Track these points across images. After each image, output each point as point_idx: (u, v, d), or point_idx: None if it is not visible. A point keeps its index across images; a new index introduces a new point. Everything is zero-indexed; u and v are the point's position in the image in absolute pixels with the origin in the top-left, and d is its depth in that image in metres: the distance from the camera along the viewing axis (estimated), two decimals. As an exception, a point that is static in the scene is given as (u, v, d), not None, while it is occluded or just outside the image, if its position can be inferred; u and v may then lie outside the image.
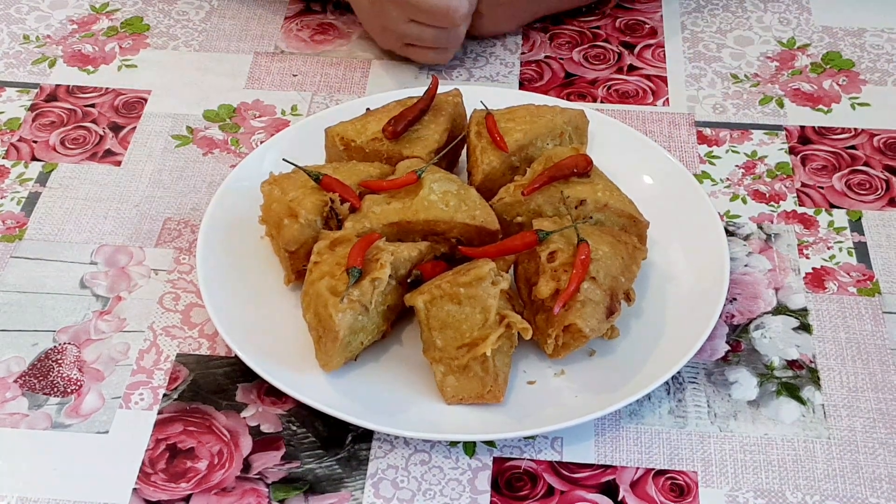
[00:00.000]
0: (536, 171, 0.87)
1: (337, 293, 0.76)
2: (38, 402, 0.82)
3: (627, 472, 0.78)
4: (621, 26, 1.16)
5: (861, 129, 1.04)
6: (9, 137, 1.03)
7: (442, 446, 0.79)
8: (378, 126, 0.91)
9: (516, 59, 1.12)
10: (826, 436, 0.80)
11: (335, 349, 0.77)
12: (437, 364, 0.78)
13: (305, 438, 0.79)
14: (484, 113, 0.92)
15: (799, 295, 0.89)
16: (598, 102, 1.06)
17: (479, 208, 0.84)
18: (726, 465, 0.78)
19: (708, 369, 0.84)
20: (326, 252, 0.80)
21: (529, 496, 0.76)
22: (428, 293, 0.77)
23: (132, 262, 0.92)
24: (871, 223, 0.95)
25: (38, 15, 1.17)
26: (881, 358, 0.85)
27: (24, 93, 1.08)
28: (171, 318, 0.87)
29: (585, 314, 0.77)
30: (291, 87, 1.08)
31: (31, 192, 0.97)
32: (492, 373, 0.77)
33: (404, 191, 0.85)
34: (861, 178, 0.99)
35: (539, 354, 0.82)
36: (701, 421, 0.81)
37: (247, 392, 0.82)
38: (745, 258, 0.92)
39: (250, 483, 0.77)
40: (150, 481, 0.77)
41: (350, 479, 0.77)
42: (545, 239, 0.81)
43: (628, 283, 0.82)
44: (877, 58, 1.12)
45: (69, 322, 0.87)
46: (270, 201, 0.85)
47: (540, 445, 0.79)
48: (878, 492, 0.76)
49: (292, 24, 1.16)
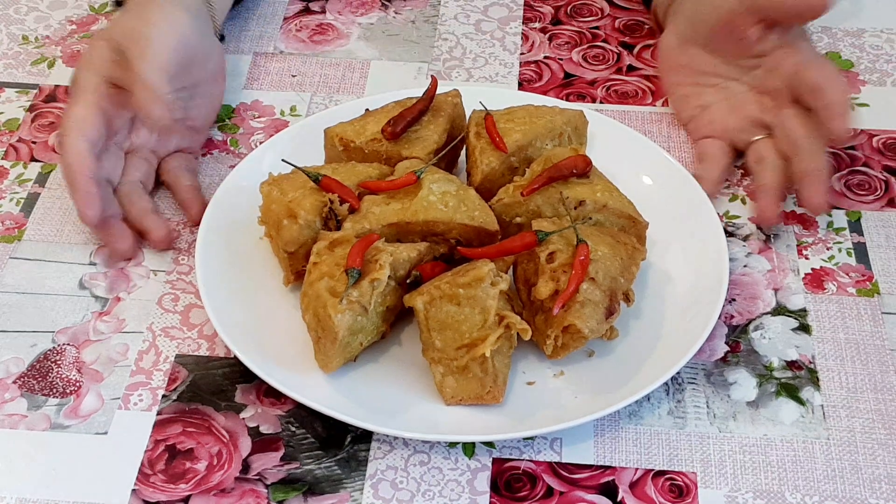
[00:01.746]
0: (535, 172, 0.87)
1: (336, 294, 0.76)
2: (37, 402, 0.82)
3: (627, 472, 0.78)
4: (620, 27, 1.16)
5: (860, 129, 1.04)
6: (8, 138, 1.03)
7: (441, 447, 0.79)
8: (377, 127, 0.91)
9: (515, 59, 1.12)
10: (825, 436, 0.80)
11: (334, 350, 0.77)
12: (437, 365, 0.78)
13: (305, 439, 0.79)
14: (483, 113, 0.92)
15: (798, 295, 0.89)
16: (597, 103, 1.06)
17: (478, 209, 0.84)
18: (725, 466, 0.78)
19: (707, 370, 0.84)
20: (325, 253, 0.80)
21: (528, 497, 0.76)
22: (427, 294, 0.77)
23: (131, 263, 0.92)
24: (870, 224, 0.95)
25: (37, 15, 1.17)
26: (880, 358, 0.85)
27: (24, 93, 1.08)
28: (171, 319, 0.87)
29: (585, 315, 0.77)
30: (290, 88, 1.08)
31: (31, 193, 0.97)
32: (491, 373, 0.77)
33: (403, 191, 0.85)
34: (860, 179, 0.99)
35: (538, 355, 0.82)
36: (700, 421, 0.81)
37: (246, 393, 0.82)
38: (744, 259, 0.92)
39: (249, 484, 0.77)
40: (149, 482, 0.77)
41: (349, 480, 0.77)
42: (544, 240, 0.81)
43: (627, 284, 0.82)
44: (876, 58, 1.12)
45: (68, 323, 0.87)
46: (269, 202, 0.85)
47: (539, 446, 0.79)
48: (878, 492, 0.76)
49: (291, 24, 1.16)
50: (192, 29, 0.94)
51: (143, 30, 0.90)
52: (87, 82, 0.90)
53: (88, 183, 0.87)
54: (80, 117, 0.89)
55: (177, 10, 0.94)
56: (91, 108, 0.89)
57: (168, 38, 0.91)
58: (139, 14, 0.93)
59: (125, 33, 0.91)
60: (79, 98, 0.90)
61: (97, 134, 0.89)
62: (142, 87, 0.88)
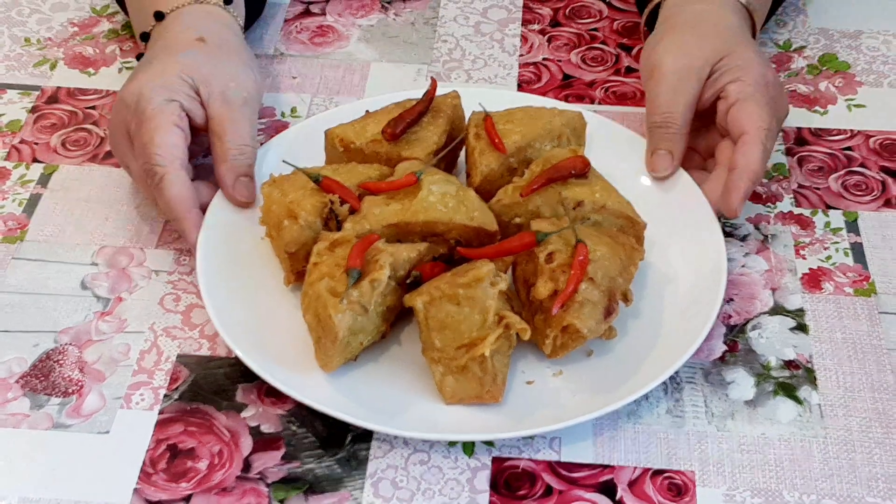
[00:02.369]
0: (534, 173, 0.87)
1: (336, 294, 0.77)
2: (40, 402, 0.82)
3: (625, 471, 0.78)
4: (619, 28, 1.16)
5: (857, 130, 1.04)
6: (10, 139, 1.03)
7: (441, 446, 0.79)
8: (377, 128, 0.91)
9: (514, 60, 1.12)
10: (823, 435, 0.80)
11: (334, 350, 0.78)
12: (436, 364, 0.79)
13: (305, 438, 0.80)
14: (482, 115, 0.92)
15: (796, 295, 0.89)
16: (595, 104, 1.07)
17: (477, 209, 0.85)
18: (724, 465, 0.78)
19: (705, 369, 0.84)
20: (326, 253, 0.80)
21: (528, 496, 0.76)
22: (427, 294, 0.78)
23: (133, 264, 0.92)
24: (867, 224, 0.95)
25: (40, 17, 1.18)
26: (877, 358, 0.85)
27: (26, 95, 1.08)
28: (172, 319, 0.88)
29: (583, 315, 0.78)
30: (291, 90, 1.09)
31: (33, 194, 0.98)
32: (490, 373, 0.78)
33: (403, 192, 0.85)
34: (857, 180, 0.99)
35: (537, 355, 0.83)
36: (698, 421, 0.81)
37: (247, 392, 0.83)
38: (742, 259, 0.92)
39: (250, 483, 0.77)
40: (150, 481, 0.77)
41: (350, 479, 0.77)
42: (543, 240, 0.81)
43: (626, 284, 0.82)
44: (873, 60, 1.12)
45: (70, 323, 0.87)
46: (270, 203, 0.86)
47: (538, 445, 0.79)
48: (875, 491, 0.77)
49: (292, 26, 1.16)
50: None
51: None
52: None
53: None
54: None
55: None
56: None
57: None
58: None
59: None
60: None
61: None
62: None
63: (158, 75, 0.90)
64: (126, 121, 0.90)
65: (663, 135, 0.93)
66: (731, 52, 0.93)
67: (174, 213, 0.87)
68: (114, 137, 0.92)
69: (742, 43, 0.95)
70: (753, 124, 0.89)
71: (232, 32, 0.98)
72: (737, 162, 0.88)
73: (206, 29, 0.96)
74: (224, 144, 0.90)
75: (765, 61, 0.94)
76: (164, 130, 0.87)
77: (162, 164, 0.86)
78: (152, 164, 0.87)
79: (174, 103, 0.89)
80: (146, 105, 0.88)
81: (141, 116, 0.88)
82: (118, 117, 0.91)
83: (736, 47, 0.94)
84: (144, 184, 0.89)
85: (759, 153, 0.88)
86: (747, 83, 0.91)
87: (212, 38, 0.95)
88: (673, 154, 0.92)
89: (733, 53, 0.93)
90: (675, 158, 0.93)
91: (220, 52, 0.95)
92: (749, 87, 0.91)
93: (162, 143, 0.87)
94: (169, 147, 0.87)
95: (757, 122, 0.89)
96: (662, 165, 0.93)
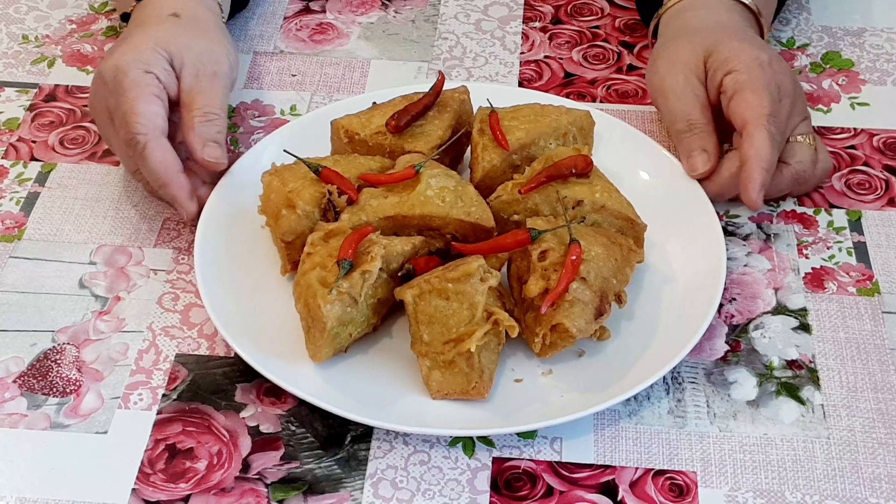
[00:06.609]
0: (536, 171, 0.87)
1: (327, 284, 0.76)
2: (37, 402, 0.82)
3: (627, 472, 0.77)
4: (620, 26, 1.16)
5: (860, 128, 1.04)
6: (8, 137, 1.03)
7: (441, 446, 0.79)
8: (383, 120, 0.91)
9: (515, 58, 1.12)
10: (825, 436, 0.80)
11: (323, 340, 0.78)
12: (424, 358, 0.79)
13: (304, 438, 0.79)
14: (488, 110, 0.92)
15: (798, 295, 0.89)
16: (597, 102, 1.06)
17: (475, 205, 0.84)
18: (725, 465, 0.78)
19: (707, 369, 0.84)
20: (320, 243, 0.80)
21: (529, 496, 0.76)
22: (417, 287, 0.78)
23: (131, 263, 0.92)
24: (870, 223, 0.95)
25: (37, 15, 1.17)
26: (880, 358, 0.85)
27: (23, 93, 1.08)
28: (170, 319, 0.87)
29: (573, 314, 0.77)
30: (290, 87, 1.08)
31: (30, 192, 0.97)
32: (477, 369, 0.77)
33: (402, 185, 0.85)
34: (860, 178, 0.99)
35: (527, 353, 0.82)
36: (700, 421, 0.80)
37: (246, 392, 0.82)
38: (744, 258, 0.92)
39: (249, 483, 0.77)
40: (149, 481, 0.77)
41: (349, 479, 0.77)
42: (537, 238, 0.81)
43: (620, 286, 0.81)
44: (876, 57, 1.12)
45: (68, 322, 0.87)
46: (269, 191, 0.86)
47: (539, 445, 0.79)
48: (878, 492, 0.76)
49: (291, 23, 1.16)
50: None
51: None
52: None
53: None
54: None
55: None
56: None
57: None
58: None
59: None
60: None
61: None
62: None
63: (133, 49, 0.92)
64: (105, 96, 0.91)
65: (692, 137, 0.93)
66: (717, 46, 0.94)
67: (160, 179, 0.88)
68: (94, 114, 0.94)
69: (729, 34, 0.95)
70: (753, 112, 0.89)
71: (207, 9, 1.00)
72: (746, 154, 0.88)
73: (181, 6, 0.98)
74: (191, 112, 0.90)
75: (757, 45, 0.95)
76: (143, 100, 0.88)
77: (143, 132, 0.87)
78: (133, 134, 0.87)
79: (150, 75, 0.90)
80: (123, 78, 0.89)
81: (119, 89, 0.89)
82: (97, 94, 0.92)
83: (723, 39, 0.94)
84: (127, 155, 0.90)
85: (764, 140, 0.88)
86: (740, 72, 0.91)
87: (185, 13, 0.98)
88: (707, 151, 0.92)
89: (720, 46, 0.93)
90: (710, 154, 0.92)
91: (194, 26, 0.97)
92: (742, 75, 0.91)
93: (142, 113, 0.88)
94: (149, 116, 0.88)
95: (756, 109, 0.89)
96: (700, 162, 0.92)
